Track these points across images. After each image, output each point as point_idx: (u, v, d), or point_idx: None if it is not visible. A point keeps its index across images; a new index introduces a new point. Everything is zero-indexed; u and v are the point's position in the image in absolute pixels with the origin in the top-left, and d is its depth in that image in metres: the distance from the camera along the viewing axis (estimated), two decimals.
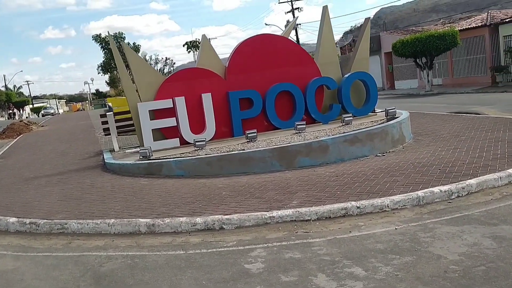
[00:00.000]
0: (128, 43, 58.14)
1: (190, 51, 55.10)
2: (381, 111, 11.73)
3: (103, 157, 10.31)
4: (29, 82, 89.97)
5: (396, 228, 5.09)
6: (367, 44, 11.58)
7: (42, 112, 68.90)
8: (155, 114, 10.14)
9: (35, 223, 6.20)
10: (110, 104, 32.72)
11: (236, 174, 8.17)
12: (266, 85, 10.68)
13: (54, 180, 8.76)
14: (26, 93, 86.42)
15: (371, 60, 11.18)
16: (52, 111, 70.16)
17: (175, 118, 10.13)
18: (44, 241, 5.80)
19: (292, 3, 46.68)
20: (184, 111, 10.10)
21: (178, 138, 10.19)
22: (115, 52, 10.08)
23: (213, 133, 10.32)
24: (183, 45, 59.34)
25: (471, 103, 17.22)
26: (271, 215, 5.62)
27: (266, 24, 67.41)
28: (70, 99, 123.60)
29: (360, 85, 11.30)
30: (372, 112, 11.40)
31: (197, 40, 58.01)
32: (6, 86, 71.15)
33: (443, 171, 6.88)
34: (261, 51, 10.72)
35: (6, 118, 59.18)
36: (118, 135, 11.59)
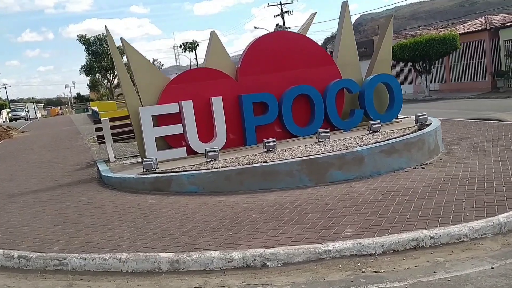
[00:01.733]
0: None
1: (184, 51, 53.89)
2: (403, 117, 10.78)
3: (98, 169, 9.05)
4: (6, 86, 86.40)
5: (492, 268, 4.05)
6: (390, 44, 10.61)
7: (10, 115, 57.28)
8: (159, 120, 8.94)
9: (26, 257, 4.95)
10: (95, 108, 31.24)
11: (259, 191, 7.04)
12: (282, 87, 9.60)
13: (43, 197, 7.48)
14: (3, 97, 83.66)
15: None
16: (23, 113, 58.07)
17: (181, 124, 8.95)
18: (38, 281, 4.56)
19: (281, 7, 45.89)
20: (191, 117, 8.93)
21: (184, 148, 9.00)
22: (113, 49, 8.85)
23: (223, 141, 9.17)
24: (180, 46, 57.89)
25: (484, 109, 16.46)
26: (326, 248, 4.51)
27: (255, 28, 66.26)
28: (48, 103, 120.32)
29: (383, 88, 10.31)
30: (396, 119, 10.41)
31: (195, 41, 56.71)
32: None
33: (509, 188, 5.89)
34: (276, 50, 9.63)
35: None
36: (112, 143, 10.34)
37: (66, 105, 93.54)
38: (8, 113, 74.62)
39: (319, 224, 5.20)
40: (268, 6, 46.26)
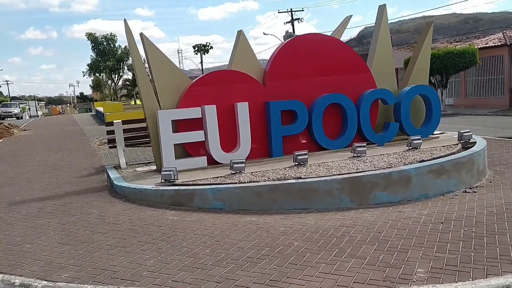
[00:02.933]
0: (120, 46, 55.76)
1: (196, 53, 52.87)
2: (440, 133, 9.97)
3: (109, 177, 8.21)
4: (8, 82, 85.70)
5: None
6: (428, 52, 9.81)
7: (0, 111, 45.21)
8: (178, 125, 8.12)
9: (29, 287, 4.11)
10: (100, 109, 30.43)
11: (294, 211, 6.21)
12: (312, 95, 8.79)
13: (48, 207, 6.64)
14: (5, 93, 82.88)
15: None
16: (16, 110, 46.73)
17: (203, 131, 8.13)
18: None
19: (292, 14, 45.27)
20: (214, 123, 8.11)
21: (205, 157, 8.18)
22: (132, 45, 8.05)
23: (247, 152, 8.35)
24: (193, 47, 56.76)
25: (509, 127, 15.67)
26: None
27: (265, 34, 65.70)
28: (50, 101, 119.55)
29: (420, 101, 9.51)
30: (433, 135, 9.60)
31: (208, 43, 55.62)
32: None
33: None
34: (308, 54, 8.84)
35: None
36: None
37: (68, 104, 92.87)
38: None
39: (380, 259, 4.36)
40: (279, 12, 45.70)
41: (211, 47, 54.60)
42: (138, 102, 44.10)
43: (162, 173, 7.10)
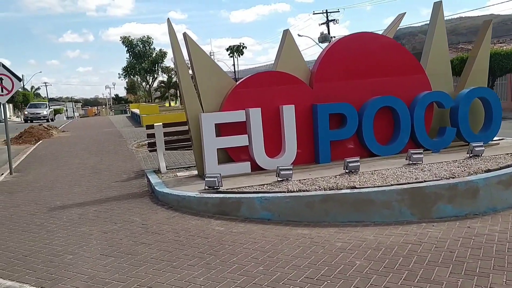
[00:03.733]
0: (154, 48, 56.39)
1: (232, 56, 52.61)
2: (499, 139, 9.23)
3: (150, 182, 7.94)
4: (47, 84, 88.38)
5: None
6: (487, 52, 9.11)
7: (26, 112, 40.74)
8: (221, 129, 7.77)
9: None
10: (135, 110, 30.65)
11: (349, 224, 5.72)
12: (362, 97, 8.27)
13: (90, 214, 6.39)
14: (44, 95, 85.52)
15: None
16: (44, 112, 40.22)
17: (247, 135, 7.75)
18: None
19: (327, 15, 44.55)
20: (259, 127, 7.71)
21: (249, 162, 7.79)
22: (175, 45, 7.75)
23: (293, 157, 7.90)
24: (226, 50, 56.44)
25: None
26: None
27: (299, 35, 64.93)
28: (86, 103, 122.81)
29: (478, 104, 8.82)
30: (492, 141, 8.89)
31: (242, 44, 55.13)
32: (23, 86, 69.89)
33: None
34: (358, 53, 8.32)
35: (22, 120, 57.67)
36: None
37: (104, 106, 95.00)
38: (22, 111, 74.40)
39: (459, 285, 3.83)
40: (314, 13, 45.05)
41: (245, 47, 54.12)
42: (172, 104, 44.40)
43: (205, 179, 6.74)
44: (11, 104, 56.48)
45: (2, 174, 10.30)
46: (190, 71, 8.17)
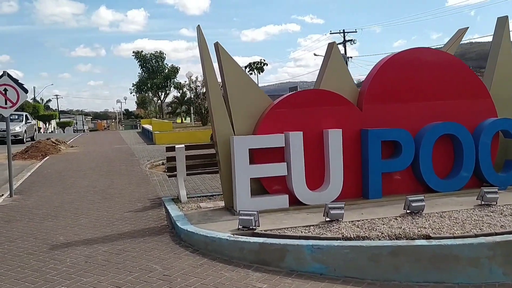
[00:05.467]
0: (167, 64, 55.80)
1: (251, 73, 51.43)
2: None
3: (169, 214, 6.79)
4: (58, 97, 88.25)
5: None
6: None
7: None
8: (254, 155, 6.63)
9: None
10: (147, 126, 29.66)
11: (426, 284, 4.49)
12: (418, 123, 7.11)
13: (99, 256, 5.22)
14: (54, 107, 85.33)
15: None
16: (18, 128, 22.92)
17: (285, 163, 6.59)
18: None
19: (344, 35, 43.77)
20: (300, 154, 6.56)
21: (286, 195, 6.62)
22: (206, 57, 6.67)
23: (338, 191, 6.72)
24: (245, 67, 54.83)
25: None
26: None
27: (315, 55, 63.97)
28: (96, 116, 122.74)
29: None
30: None
31: (262, 60, 53.70)
32: (34, 98, 69.55)
33: None
34: (414, 72, 7.19)
35: None
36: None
37: (113, 120, 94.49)
38: (57, 123, 73.61)
39: None
40: (331, 33, 44.29)
41: (266, 64, 52.92)
42: (185, 120, 43.47)
43: (239, 217, 5.57)
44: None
45: (2, 195, 9.21)
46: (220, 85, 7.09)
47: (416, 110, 7.17)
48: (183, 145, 7.78)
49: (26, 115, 25.39)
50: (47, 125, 69.26)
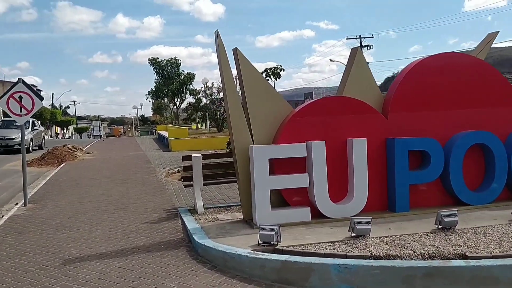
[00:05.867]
0: (183, 70, 55.93)
1: (268, 79, 51.06)
2: None
3: (185, 226, 6.53)
4: (75, 103, 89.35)
5: None
6: None
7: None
8: (275, 165, 6.34)
9: None
10: (163, 133, 29.60)
11: None
12: (447, 132, 6.74)
13: (112, 273, 4.97)
14: (72, 113, 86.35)
15: None
16: (16, 135, 19.86)
17: (307, 174, 6.28)
18: None
19: (360, 40, 43.30)
20: (323, 165, 6.25)
21: (309, 208, 6.30)
22: (223, 59, 6.40)
23: (363, 203, 6.38)
24: (262, 72, 53.88)
25: None
26: None
27: (331, 60, 64.32)
28: (112, 122, 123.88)
29: None
30: None
31: (279, 66, 52.36)
32: (53, 104, 70.45)
33: None
34: (443, 78, 6.83)
35: (49, 137, 57.67)
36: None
37: (129, 126, 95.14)
38: (74, 129, 74.06)
39: None
40: (347, 39, 43.90)
41: (283, 69, 52.25)
42: (200, 126, 43.40)
43: (260, 232, 5.26)
44: (39, 122, 56.71)
45: (17, 204, 9.07)
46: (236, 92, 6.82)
47: (445, 118, 6.80)
48: (200, 154, 7.53)
49: (33, 121, 22.88)
50: (64, 130, 70.10)
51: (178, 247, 5.86)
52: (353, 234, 5.40)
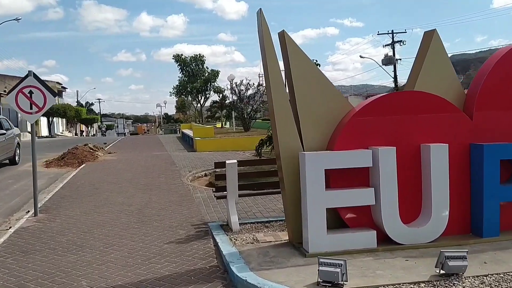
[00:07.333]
0: (207, 67, 54.95)
1: None
2: None
3: (219, 250, 5.36)
4: (100, 100, 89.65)
5: None
6: None
7: None
8: (330, 177, 5.09)
9: None
10: (187, 131, 28.59)
11: None
12: None
13: None
14: (97, 110, 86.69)
15: None
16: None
17: (372, 189, 5.02)
18: None
19: (393, 36, 41.45)
20: (393, 177, 4.97)
21: (374, 231, 5.03)
22: (267, 43, 5.16)
23: (443, 225, 5.08)
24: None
25: None
26: None
27: (361, 57, 62.69)
28: (136, 120, 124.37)
29: None
30: None
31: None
32: (78, 101, 70.59)
33: None
34: None
35: (74, 135, 57.71)
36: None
37: (153, 123, 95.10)
38: (99, 127, 73.99)
39: None
40: (378, 34, 42.05)
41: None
42: (225, 125, 42.36)
43: (320, 268, 4.02)
44: (64, 119, 56.66)
45: (28, 211, 8.08)
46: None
47: None
48: (235, 161, 6.33)
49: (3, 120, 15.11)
50: (89, 128, 70.21)
51: (211, 279, 4.67)
52: (442, 272, 4.12)
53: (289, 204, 5.27)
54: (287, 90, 5.44)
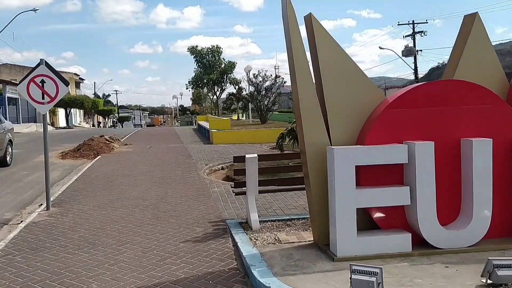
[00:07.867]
0: (224, 59, 54.46)
1: None
2: None
3: (237, 248, 5.01)
4: (117, 92, 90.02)
5: None
6: None
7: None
8: (361, 174, 4.66)
9: None
10: (203, 123, 28.31)
11: None
12: None
13: None
14: (114, 102, 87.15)
15: None
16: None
17: (408, 187, 4.58)
18: None
19: (413, 26, 40.40)
20: (430, 175, 4.53)
21: (409, 234, 4.60)
22: (292, 23, 4.74)
23: (485, 227, 4.62)
24: None
25: None
26: None
27: (381, 48, 61.72)
28: (152, 111, 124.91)
29: None
30: None
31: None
32: (95, 93, 71.00)
33: None
34: None
35: (91, 126, 58.02)
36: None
37: (169, 115, 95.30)
38: (92, 117, 71.62)
39: None
40: (398, 25, 41.12)
41: None
42: (241, 117, 41.98)
43: (353, 276, 3.61)
44: (81, 110, 57.01)
45: (41, 205, 7.85)
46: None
47: None
48: (255, 155, 5.93)
49: None
50: (106, 119, 70.64)
51: (230, 283, 4.30)
52: (489, 282, 3.67)
53: (315, 203, 4.86)
54: (314, 79, 5.01)
